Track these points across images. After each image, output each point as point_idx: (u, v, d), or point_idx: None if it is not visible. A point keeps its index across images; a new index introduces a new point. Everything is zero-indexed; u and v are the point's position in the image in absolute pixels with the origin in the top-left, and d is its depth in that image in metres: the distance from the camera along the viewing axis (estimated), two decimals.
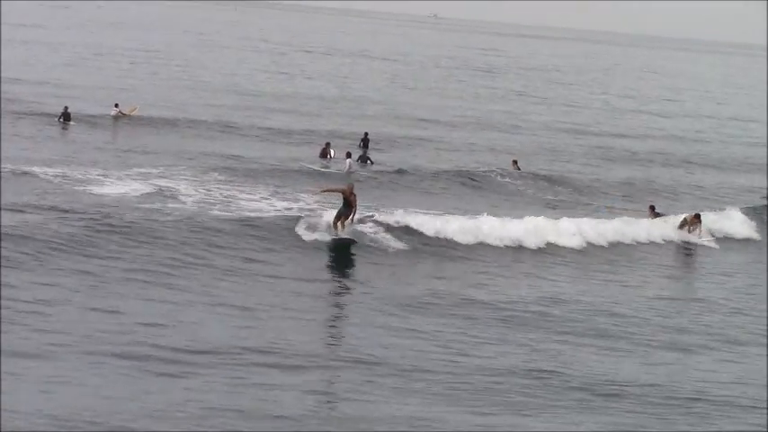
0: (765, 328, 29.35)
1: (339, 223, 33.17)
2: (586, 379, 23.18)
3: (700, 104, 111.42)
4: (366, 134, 58.37)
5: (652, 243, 40.28)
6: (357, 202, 33.51)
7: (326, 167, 49.39)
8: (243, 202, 38.39)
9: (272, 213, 36.31)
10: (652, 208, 43.38)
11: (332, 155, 52.29)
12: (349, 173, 47.13)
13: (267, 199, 39.65)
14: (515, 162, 53.42)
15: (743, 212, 45.38)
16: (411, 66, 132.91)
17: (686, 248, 40.60)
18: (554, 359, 24.48)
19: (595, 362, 24.68)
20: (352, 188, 33.64)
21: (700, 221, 41.94)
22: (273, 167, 47.80)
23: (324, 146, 53.44)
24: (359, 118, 70.27)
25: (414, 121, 72.38)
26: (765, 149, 72.24)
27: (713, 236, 42.47)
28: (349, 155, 49.48)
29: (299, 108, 73.83)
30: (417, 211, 38.59)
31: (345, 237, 33.00)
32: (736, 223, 44.40)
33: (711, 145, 75.10)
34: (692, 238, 41.47)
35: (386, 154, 56.47)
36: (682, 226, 41.68)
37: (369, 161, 52.26)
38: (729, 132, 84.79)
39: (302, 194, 40.94)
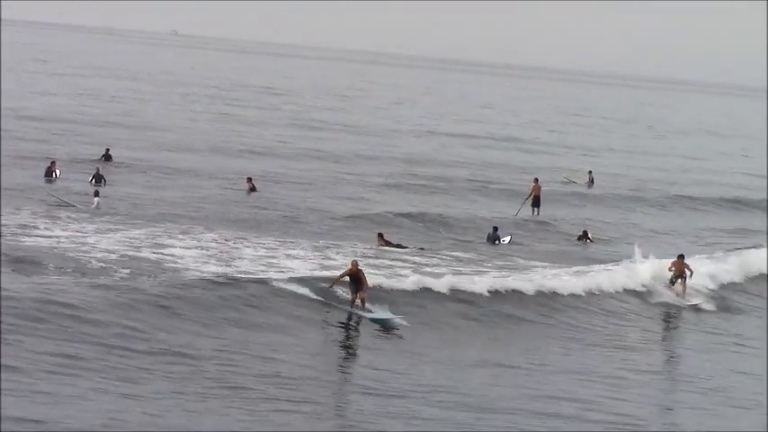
0: None
1: (356, 299, 31.78)
2: None
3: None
4: (108, 150, 57.85)
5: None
6: (366, 278, 31.92)
7: (55, 191, 47.43)
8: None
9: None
10: (380, 235, 42.31)
11: (57, 174, 50.99)
12: (96, 210, 44.58)
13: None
14: (250, 180, 53.80)
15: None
16: (153, 85, 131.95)
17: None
18: None
19: None
20: (356, 265, 32.10)
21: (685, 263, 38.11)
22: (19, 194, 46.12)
23: (49, 164, 51.80)
24: (97, 139, 68.09)
25: (152, 143, 71.55)
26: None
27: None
28: (96, 193, 46.10)
29: (32, 129, 71.39)
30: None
31: (369, 313, 31.66)
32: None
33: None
34: (679, 296, 37.81)
35: (129, 174, 55.61)
36: (673, 281, 38.04)
37: (103, 181, 50.13)
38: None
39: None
